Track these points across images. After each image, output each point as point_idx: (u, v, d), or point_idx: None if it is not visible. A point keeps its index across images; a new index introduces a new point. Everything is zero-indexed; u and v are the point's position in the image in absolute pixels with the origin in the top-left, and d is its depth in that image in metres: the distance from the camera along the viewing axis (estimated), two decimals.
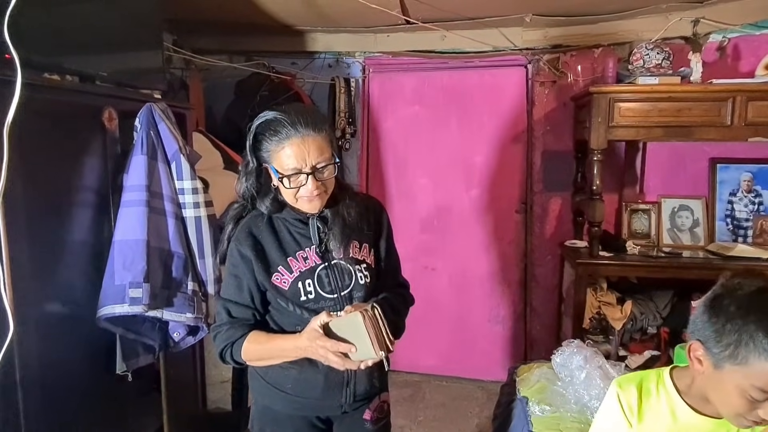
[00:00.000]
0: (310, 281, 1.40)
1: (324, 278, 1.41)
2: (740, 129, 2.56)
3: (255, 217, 1.44)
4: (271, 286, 1.40)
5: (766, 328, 0.98)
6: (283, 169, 1.33)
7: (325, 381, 1.44)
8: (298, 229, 1.43)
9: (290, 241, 1.42)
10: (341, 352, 1.28)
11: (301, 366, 1.42)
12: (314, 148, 1.32)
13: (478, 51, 3.33)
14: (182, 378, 2.31)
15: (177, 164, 1.94)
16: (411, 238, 3.49)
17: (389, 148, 3.63)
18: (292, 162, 1.32)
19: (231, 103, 3.38)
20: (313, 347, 1.30)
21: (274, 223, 1.44)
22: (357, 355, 1.29)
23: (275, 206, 1.42)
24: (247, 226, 1.43)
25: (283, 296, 1.40)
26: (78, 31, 1.82)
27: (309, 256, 1.41)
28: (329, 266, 1.42)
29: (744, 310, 1.01)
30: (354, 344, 1.27)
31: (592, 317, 2.83)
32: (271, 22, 3.08)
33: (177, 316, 1.89)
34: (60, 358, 1.69)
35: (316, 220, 1.43)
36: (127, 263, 1.75)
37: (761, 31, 2.88)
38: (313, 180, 1.33)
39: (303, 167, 1.32)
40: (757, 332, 0.98)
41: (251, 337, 1.39)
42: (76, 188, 1.76)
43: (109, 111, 1.83)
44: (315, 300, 1.39)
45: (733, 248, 2.81)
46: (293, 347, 1.35)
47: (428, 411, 3.22)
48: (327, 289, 1.41)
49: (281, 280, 1.40)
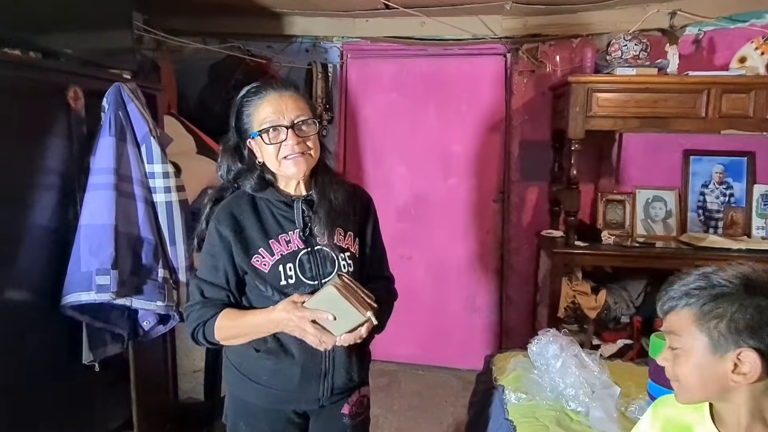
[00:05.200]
0: (291, 265, 1.36)
1: (306, 263, 1.37)
2: (714, 121, 2.60)
3: (237, 197, 1.41)
4: (250, 268, 1.36)
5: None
6: (262, 124, 1.32)
7: (302, 373, 1.40)
8: (281, 211, 1.39)
9: (273, 223, 1.38)
10: (320, 328, 1.26)
11: (277, 356, 1.39)
12: (292, 103, 1.33)
13: (458, 39, 3.31)
14: (152, 368, 2.25)
15: (147, 147, 1.87)
16: (387, 226, 3.39)
17: (367, 135, 3.58)
18: (269, 116, 1.32)
19: (204, 87, 3.29)
20: (289, 319, 1.28)
21: (257, 204, 1.40)
22: (343, 327, 1.26)
23: (260, 184, 1.39)
24: (228, 206, 1.39)
25: (262, 279, 1.36)
26: (42, 4, 1.74)
27: (292, 239, 1.38)
28: (312, 251, 1.39)
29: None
30: (336, 316, 1.24)
31: (567, 306, 2.86)
32: (247, 3, 2.99)
33: (147, 304, 1.83)
34: (22, 347, 1.63)
35: (302, 203, 1.39)
36: (94, 249, 1.69)
37: (736, 24, 2.92)
38: (293, 135, 1.31)
39: (281, 121, 1.31)
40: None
41: (224, 314, 1.36)
42: (39, 170, 1.68)
43: (74, 90, 1.75)
44: (294, 285, 1.36)
45: (705, 239, 2.86)
46: (267, 321, 1.33)
47: (404, 400, 3.22)
48: (308, 275, 1.37)
49: (261, 262, 1.36)
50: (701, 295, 0.96)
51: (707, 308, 0.95)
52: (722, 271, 0.97)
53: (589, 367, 1.92)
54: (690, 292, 0.97)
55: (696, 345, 0.96)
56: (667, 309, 1.01)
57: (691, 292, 0.97)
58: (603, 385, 1.85)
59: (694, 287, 0.97)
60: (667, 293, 1.01)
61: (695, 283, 0.98)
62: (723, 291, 0.94)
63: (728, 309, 0.93)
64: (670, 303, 1.00)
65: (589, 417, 1.75)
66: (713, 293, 0.95)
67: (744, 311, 0.92)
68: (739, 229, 2.97)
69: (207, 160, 2.63)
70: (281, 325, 1.31)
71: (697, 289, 0.97)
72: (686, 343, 0.98)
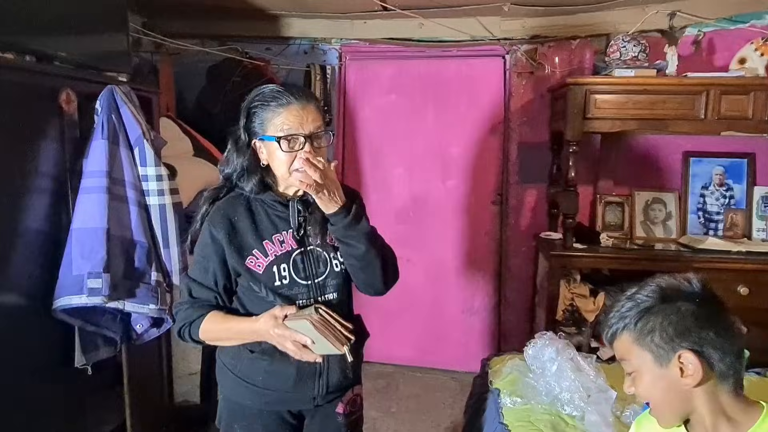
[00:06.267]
0: (285, 266, 1.37)
1: (299, 264, 1.38)
2: (713, 123, 2.58)
3: (232, 199, 1.41)
4: (244, 270, 1.36)
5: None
6: (281, 132, 1.32)
7: (297, 373, 1.40)
8: (276, 211, 1.40)
9: (267, 223, 1.39)
10: (299, 345, 1.28)
11: (272, 357, 1.39)
12: (312, 116, 1.33)
13: (456, 40, 3.29)
14: (147, 371, 2.25)
15: (140, 150, 1.86)
16: (386, 228, 3.40)
17: (365, 137, 3.58)
18: (290, 125, 1.31)
19: (202, 89, 3.29)
20: (271, 335, 1.30)
21: (252, 205, 1.40)
22: (321, 349, 1.29)
23: (260, 187, 1.39)
24: (223, 209, 1.39)
25: (257, 280, 1.37)
26: (36, 8, 1.74)
27: (285, 239, 1.38)
28: (305, 252, 1.39)
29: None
30: (314, 341, 1.27)
31: (565, 309, 2.84)
32: (245, 5, 2.99)
33: (139, 308, 1.83)
34: (14, 350, 1.62)
35: (297, 202, 1.39)
36: (86, 252, 1.68)
37: (736, 25, 2.90)
38: (310, 145, 1.31)
39: (301, 131, 1.31)
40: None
41: (210, 317, 1.37)
42: (31, 173, 1.68)
43: (66, 93, 1.75)
44: (289, 286, 1.37)
45: (704, 241, 2.84)
46: (250, 330, 1.35)
47: (401, 402, 3.21)
48: (301, 275, 1.38)
49: (255, 263, 1.36)
50: (632, 315, 1.01)
51: (640, 326, 1.00)
52: (642, 288, 1.03)
53: (585, 371, 1.91)
54: (623, 316, 1.03)
55: (644, 363, 1.01)
56: (611, 338, 1.05)
57: (624, 316, 1.03)
58: (599, 389, 1.84)
59: (625, 310, 1.02)
60: (607, 322, 1.05)
61: (625, 305, 1.03)
62: (647, 306, 1.00)
63: (656, 321, 0.99)
64: (610, 332, 1.05)
65: (585, 421, 1.74)
66: (640, 311, 1.01)
67: (669, 319, 0.98)
68: (739, 231, 2.95)
69: (204, 162, 2.63)
70: (264, 337, 1.33)
71: (627, 311, 1.02)
72: (636, 364, 1.03)
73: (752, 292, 2.59)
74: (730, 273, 2.63)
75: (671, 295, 1.00)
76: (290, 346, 1.29)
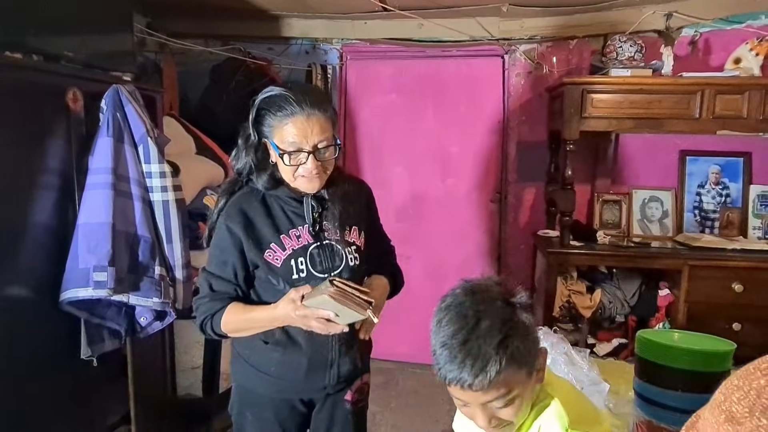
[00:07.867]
0: (303, 259, 1.39)
1: (316, 257, 1.40)
2: (708, 122, 2.61)
3: (247, 194, 1.43)
4: (263, 263, 1.39)
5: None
6: (285, 145, 1.33)
7: (309, 363, 1.43)
8: (291, 207, 1.42)
9: (283, 218, 1.41)
10: (324, 321, 1.30)
11: (284, 348, 1.43)
12: (318, 128, 1.32)
13: (456, 40, 3.33)
14: (151, 363, 2.29)
15: (144, 147, 1.91)
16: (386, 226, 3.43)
17: (365, 136, 3.62)
18: (294, 139, 1.31)
19: (206, 89, 3.33)
20: (293, 317, 1.31)
21: (267, 200, 1.42)
22: (346, 320, 1.30)
23: (271, 183, 1.41)
24: (239, 203, 1.41)
25: (274, 273, 1.39)
26: (44, 10, 1.78)
27: (302, 234, 1.41)
28: (321, 246, 1.42)
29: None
30: (337, 313, 1.28)
31: (562, 305, 2.87)
32: (248, 6, 3.04)
33: (143, 301, 1.87)
34: (21, 342, 1.67)
35: (311, 198, 1.42)
36: (92, 246, 1.73)
37: (732, 25, 2.93)
38: (313, 160, 1.32)
39: (304, 146, 1.32)
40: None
41: (230, 309, 1.39)
42: (39, 170, 1.73)
43: (73, 92, 1.80)
44: (306, 279, 1.38)
45: (700, 239, 2.87)
46: (271, 317, 1.36)
47: (401, 398, 3.25)
48: (318, 268, 1.40)
49: (273, 257, 1.39)
50: (500, 354, 0.94)
51: (510, 353, 0.94)
52: (476, 326, 0.97)
53: (578, 365, 1.94)
54: (489, 359, 0.94)
55: (525, 380, 1.00)
56: (486, 384, 0.94)
57: (490, 358, 0.94)
58: (591, 381, 1.87)
59: (493, 351, 0.94)
60: (474, 377, 0.94)
61: (483, 350, 0.95)
62: (494, 335, 0.95)
63: (513, 340, 0.96)
64: (483, 380, 0.94)
65: None
66: (498, 343, 0.95)
67: (516, 330, 0.97)
68: (735, 229, 2.98)
69: (206, 160, 2.67)
70: (286, 321, 1.35)
71: (495, 352, 0.94)
72: (520, 387, 0.99)
73: (747, 290, 2.63)
74: (726, 270, 2.66)
75: (490, 315, 0.98)
76: (315, 324, 1.29)
